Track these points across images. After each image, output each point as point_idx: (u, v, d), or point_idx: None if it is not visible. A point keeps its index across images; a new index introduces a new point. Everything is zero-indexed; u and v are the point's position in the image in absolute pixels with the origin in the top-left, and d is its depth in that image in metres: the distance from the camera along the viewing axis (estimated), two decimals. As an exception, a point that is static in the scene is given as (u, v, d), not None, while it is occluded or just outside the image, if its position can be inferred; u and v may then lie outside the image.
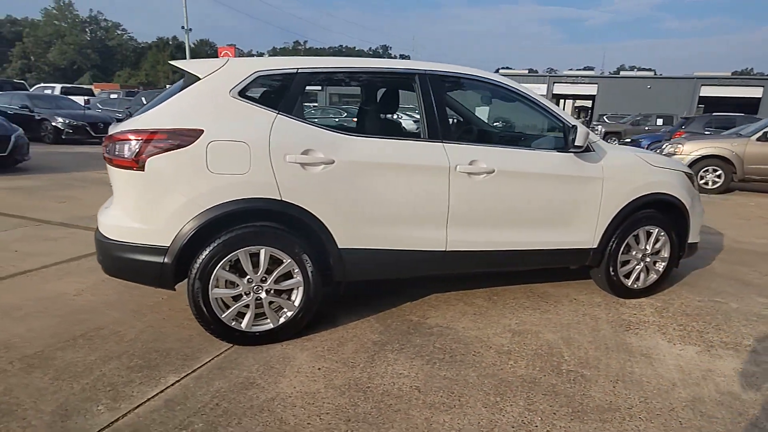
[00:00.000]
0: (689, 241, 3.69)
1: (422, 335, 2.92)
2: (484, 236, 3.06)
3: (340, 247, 2.74)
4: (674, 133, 13.41)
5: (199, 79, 2.59)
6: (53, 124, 13.07)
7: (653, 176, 3.43)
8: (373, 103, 3.38)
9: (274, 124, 2.60)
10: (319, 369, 2.51)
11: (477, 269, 3.31)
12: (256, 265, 2.61)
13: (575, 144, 3.02)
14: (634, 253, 3.50)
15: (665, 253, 3.59)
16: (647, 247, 3.51)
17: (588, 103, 41.29)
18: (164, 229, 2.46)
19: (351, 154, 2.69)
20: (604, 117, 25.82)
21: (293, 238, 2.63)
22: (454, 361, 2.64)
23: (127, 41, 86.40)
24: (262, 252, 2.59)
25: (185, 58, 37.44)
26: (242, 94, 2.61)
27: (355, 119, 2.91)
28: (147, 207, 2.48)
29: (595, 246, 3.35)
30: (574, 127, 3.05)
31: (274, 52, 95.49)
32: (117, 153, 2.45)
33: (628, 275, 3.54)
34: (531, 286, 3.78)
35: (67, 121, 13.14)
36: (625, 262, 3.51)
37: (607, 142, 3.56)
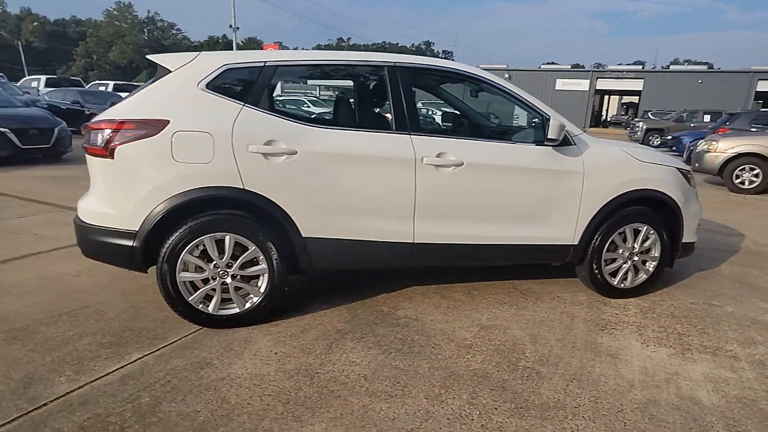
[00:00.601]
0: (683, 241, 3.49)
1: (387, 326, 2.92)
2: (454, 229, 3.02)
3: (304, 236, 2.79)
4: (717, 129, 12.63)
5: (170, 72, 2.69)
6: (100, 118, 13.78)
7: (640, 172, 3.27)
8: (343, 95, 3.38)
9: (239, 115, 2.66)
10: (275, 353, 2.57)
11: (449, 263, 3.27)
12: (222, 251, 2.70)
13: (548, 137, 2.93)
14: (620, 251, 3.35)
15: (656, 253, 3.42)
16: (635, 245, 3.36)
17: (636, 99, 39.48)
18: (133, 214, 2.58)
19: (314, 145, 2.72)
20: (649, 113, 24.63)
21: (257, 226, 2.70)
22: (411, 352, 2.63)
23: (180, 41, 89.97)
24: (227, 238, 2.67)
25: None
26: (210, 86, 2.69)
27: (325, 111, 2.94)
28: (117, 193, 2.61)
29: (575, 243, 3.23)
30: (548, 120, 2.95)
31: (317, 48, 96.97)
32: (91, 141, 2.59)
33: (614, 274, 3.40)
34: (515, 282, 3.70)
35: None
36: (611, 261, 3.37)
37: (648, 139, 3.43)
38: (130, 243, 2.60)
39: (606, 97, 45.22)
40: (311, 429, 1.99)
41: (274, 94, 2.81)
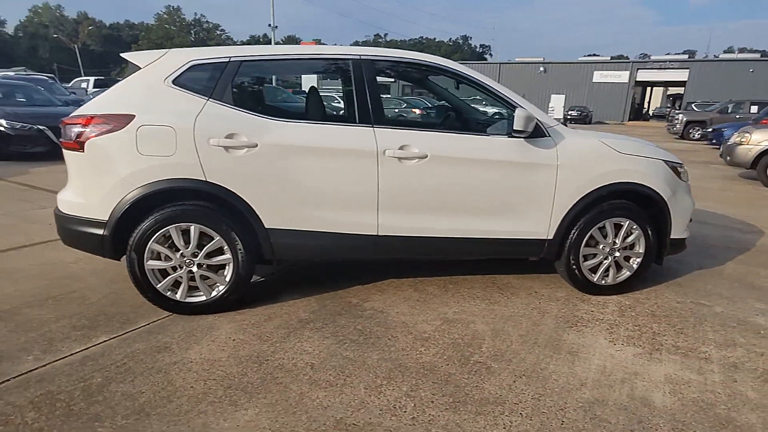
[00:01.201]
0: (672, 237, 3.31)
1: (351, 317, 2.93)
2: (420, 222, 2.98)
3: (266, 227, 2.83)
4: (759, 120, 11.83)
5: (140, 68, 2.79)
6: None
7: (620, 164, 3.12)
8: (309, 89, 3.34)
9: (203, 109, 2.73)
10: (233, 340, 2.62)
11: (416, 256, 3.23)
12: (188, 240, 2.77)
13: (514, 129, 2.84)
14: (601, 246, 3.22)
15: (640, 249, 3.25)
16: (616, 240, 3.21)
17: (682, 91, 37.52)
18: (102, 204, 2.69)
19: (275, 138, 2.75)
20: (692, 105, 23.36)
21: (220, 217, 2.76)
22: (365, 343, 2.63)
23: (224, 41, 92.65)
24: (192, 229, 2.74)
25: None
26: (176, 82, 2.76)
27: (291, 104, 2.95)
28: (88, 184, 2.73)
29: (550, 237, 3.12)
30: (514, 110, 2.86)
31: (354, 45, 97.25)
32: (65, 135, 2.72)
33: (594, 270, 3.27)
34: (495, 276, 3.62)
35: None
36: (591, 256, 3.24)
37: (688, 132, 3.29)
38: (101, 232, 2.72)
39: (648, 89, 43.22)
40: (244, 414, 2.03)
41: (248, 89, 2.84)
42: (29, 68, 27.34)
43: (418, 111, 17.49)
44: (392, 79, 3.84)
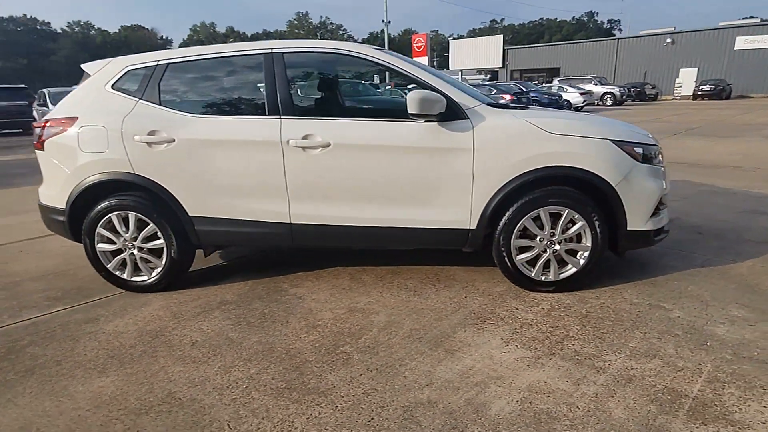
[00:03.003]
0: (630, 228, 2.82)
1: (267, 301, 3.02)
2: (332, 211, 2.95)
3: (189, 214, 3.04)
4: None
5: (90, 76, 3.17)
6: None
7: (551, 146, 2.74)
8: (227, 84, 3.24)
9: (133, 109, 3.02)
10: (152, 316, 2.89)
11: (334, 245, 3.19)
12: (128, 226, 3.11)
13: (409, 112, 2.66)
14: (538, 238, 2.87)
15: (586, 241, 2.83)
16: (555, 231, 2.84)
17: None
18: (60, 195, 3.14)
19: (189, 133, 2.94)
20: None
21: (151, 205, 3.04)
22: (259, 326, 2.71)
23: (346, 40, 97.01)
24: (130, 216, 3.07)
25: (386, 48, 41.04)
26: (115, 86, 3.09)
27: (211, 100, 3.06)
28: (51, 178, 3.20)
29: (473, 227, 2.88)
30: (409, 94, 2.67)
31: (472, 33, 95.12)
32: (34, 137, 3.22)
33: (532, 263, 2.93)
34: (443, 268, 3.42)
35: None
36: (527, 248, 2.91)
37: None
38: (62, 218, 3.18)
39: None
40: (105, 380, 2.25)
41: (183, 89, 3.05)
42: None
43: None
44: (308, 70, 3.56)
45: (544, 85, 27.79)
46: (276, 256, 3.87)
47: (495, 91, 18.63)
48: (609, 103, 26.18)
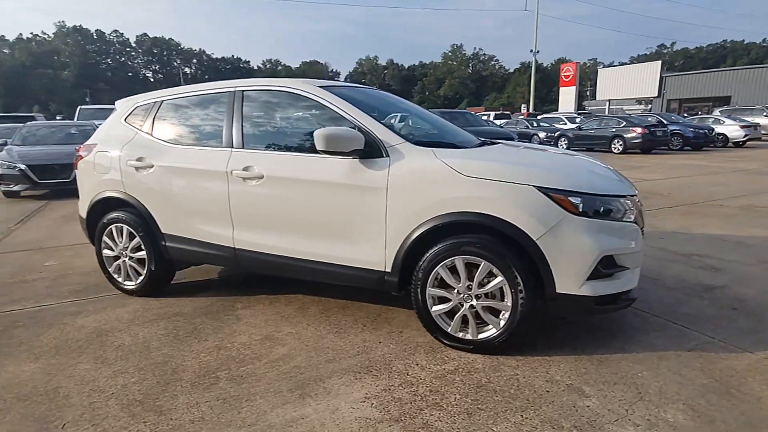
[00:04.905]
0: (561, 291, 2.35)
1: (210, 318, 3.19)
2: (265, 240, 3.03)
3: (163, 231, 3.41)
4: None
5: (115, 110, 3.79)
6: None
7: (465, 190, 2.44)
8: (199, 119, 3.45)
9: (133, 139, 3.52)
10: (115, 318, 3.25)
11: (271, 272, 3.20)
12: (121, 237, 3.60)
13: (317, 148, 2.62)
14: (456, 291, 2.57)
15: (507, 300, 2.45)
16: (471, 284, 2.51)
17: None
18: (83, 206, 3.78)
19: (164, 160, 3.32)
20: None
21: (138, 220, 3.48)
22: (182, 340, 2.87)
23: (498, 70, 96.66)
24: (124, 229, 3.56)
25: (535, 79, 39.86)
26: (127, 119, 3.65)
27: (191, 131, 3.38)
28: (81, 193, 3.86)
29: (388, 270, 2.69)
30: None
31: (634, 60, 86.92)
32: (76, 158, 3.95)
33: (451, 316, 2.62)
34: (390, 308, 3.24)
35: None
36: (443, 300, 2.62)
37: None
38: (84, 226, 3.83)
39: None
40: (30, 366, 2.60)
41: (169, 122, 3.47)
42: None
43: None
44: (262, 106, 3.37)
45: (697, 116, 24.01)
46: (261, 276, 4.06)
47: (624, 123, 16.77)
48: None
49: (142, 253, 3.53)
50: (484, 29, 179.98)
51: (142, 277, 3.58)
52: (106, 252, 3.69)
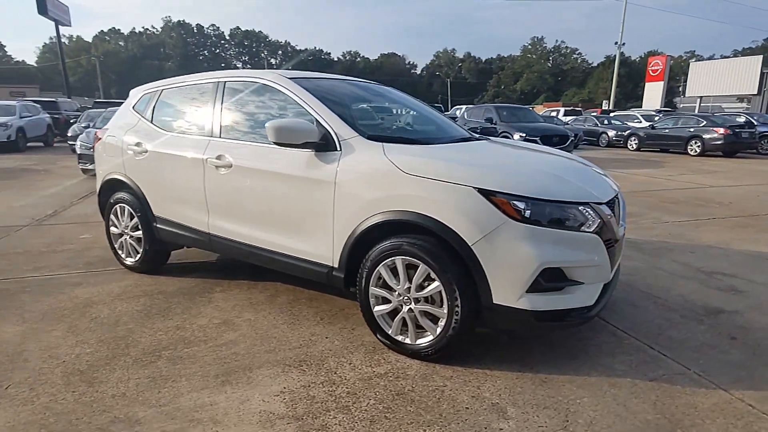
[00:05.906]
0: (498, 302, 2.15)
1: (186, 298, 3.31)
2: (234, 227, 3.08)
3: (154, 213, 3.58)
4: None
5: (129, 98, 4.03)
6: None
7: (403, 188, 2.30)
8: (189, 107, 3.54)
9: (136, 125, 3.72)
10: (107, 292, 3.46)
11: (242, 259, 3.21)
12: (124, 216, 3.83)
13: (270, 139, 2.58)
14: (396, 292, 2.45)
15: (444, 307, 2.29)
16: (409, 287, 2.38)
17: None
18: (98, 185, 4.07)
19: (155, 146, 3.47)
20: None
21: (136, 202, 3.69)
22: (153, 317, 3.01)
23: (580, 64, 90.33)
24: (126, 209, 3.79)
25: (620, 73, 36.73)
26: (135, 108, 3.86)
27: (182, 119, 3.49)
28: (96, 171, 4.15)
29: (335, 265, 2.63)
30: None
31: (737, 54, 77.82)
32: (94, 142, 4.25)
33: (393, 318, 2.50)
34: (356, 304, 3.16)
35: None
36: (386, 300, 2.51)
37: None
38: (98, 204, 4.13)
39: None
40: (15, 328, 2.84)
41: (166, 109, 3.63)
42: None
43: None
44: (241, 97, 3.20)
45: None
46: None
47: (704, 122, 15.15)
48: None
49: (140, 233, 3.74)
50: (569, 21, 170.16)
51: (139, 255, 3.79)
52: (112, 229, 3.95)
